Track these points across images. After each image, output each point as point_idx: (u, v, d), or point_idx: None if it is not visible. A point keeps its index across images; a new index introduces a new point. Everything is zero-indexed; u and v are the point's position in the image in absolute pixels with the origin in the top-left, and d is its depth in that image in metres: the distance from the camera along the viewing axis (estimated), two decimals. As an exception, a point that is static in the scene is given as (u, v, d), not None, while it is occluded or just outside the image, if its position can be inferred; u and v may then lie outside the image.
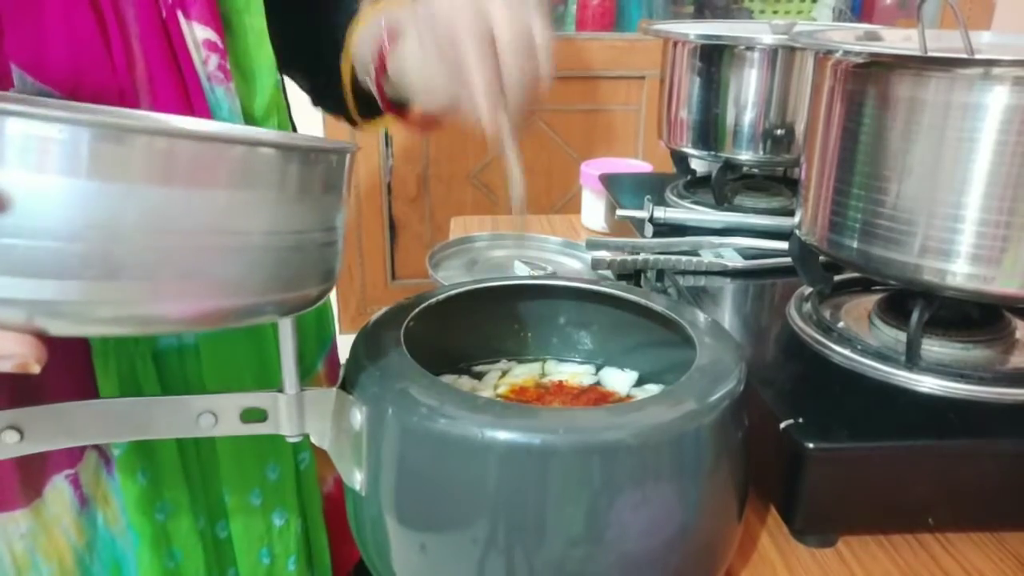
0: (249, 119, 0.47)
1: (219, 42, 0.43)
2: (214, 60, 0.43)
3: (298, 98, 0.59)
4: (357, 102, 0.53)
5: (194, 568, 0.49)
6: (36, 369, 0.26)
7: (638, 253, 0.68)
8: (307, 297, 0.32)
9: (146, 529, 0.46)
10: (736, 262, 0.65)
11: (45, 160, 0.24)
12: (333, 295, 1.94)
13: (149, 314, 0.27)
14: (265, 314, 0.30)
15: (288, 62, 0.52)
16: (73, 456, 0.45)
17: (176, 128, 0.26)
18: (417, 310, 0.43)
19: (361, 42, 0.48)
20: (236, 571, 0.53)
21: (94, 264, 0.25)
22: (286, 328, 0.34)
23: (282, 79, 0.54)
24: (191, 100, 0.43)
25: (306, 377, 0.58)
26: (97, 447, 0.46)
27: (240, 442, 0.49)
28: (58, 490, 0.45)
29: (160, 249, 0.26)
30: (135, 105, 0.41)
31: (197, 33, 0.42)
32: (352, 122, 0.56)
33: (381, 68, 0.46)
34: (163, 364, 0.47)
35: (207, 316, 0.28)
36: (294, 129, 0.56)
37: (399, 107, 0.48)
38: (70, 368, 0.44)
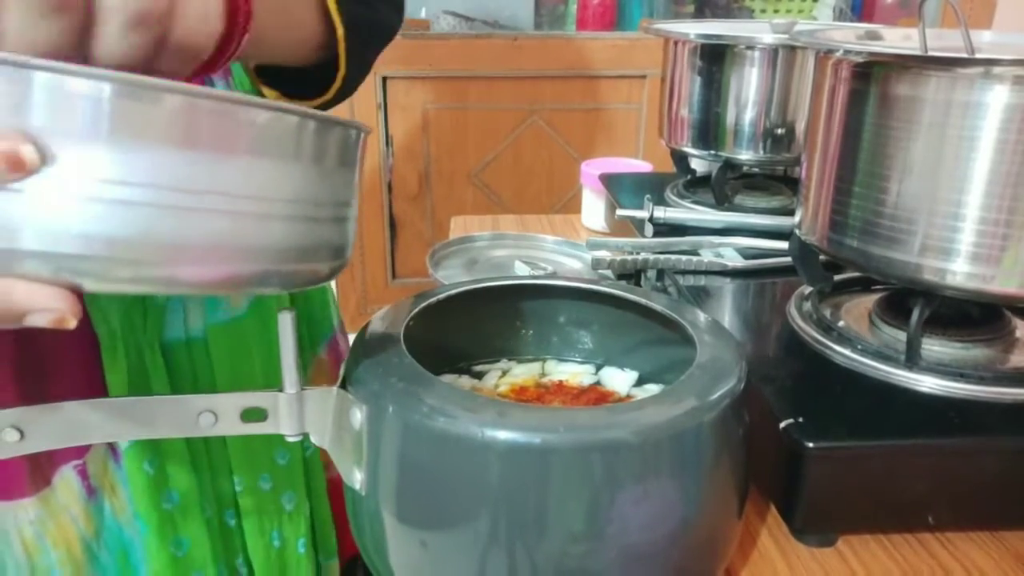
0: None
1: None
2: None
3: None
4: None
5: (201, 556, 0.49)
6: (72, 323, 0.26)
7: (638, 253, 0.68)
8: (318, 272, 0.32)
9: (153, 518, 0.47)
10: (736, 262, 0.65)
11: (78, 117, 0.25)
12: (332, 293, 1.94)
13: (170, 274, 0.27)
14: (275, 284, 0.31)
15: None
16: (81, 447, 0.45)
17: (202, 90, 0.27)
18: (417, 310, 0.43)
19: None
20: (244, 559, 0.53)
21: (120, 221, 0.26)
22: (286, 327, 0.34)
23: None
24: None
25: (308, 364, 0.59)
26: None
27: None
28: (66, 480, 0.45)
29: (184, 210, 0.27)
30: None
31: None
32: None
33: None
34: (171, 357, 0.47)
35: (223, 279, 0.29)
36: None
37: None
38: (79, 362, 0.44)
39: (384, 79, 1.78)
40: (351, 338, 0.41)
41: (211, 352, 0.48)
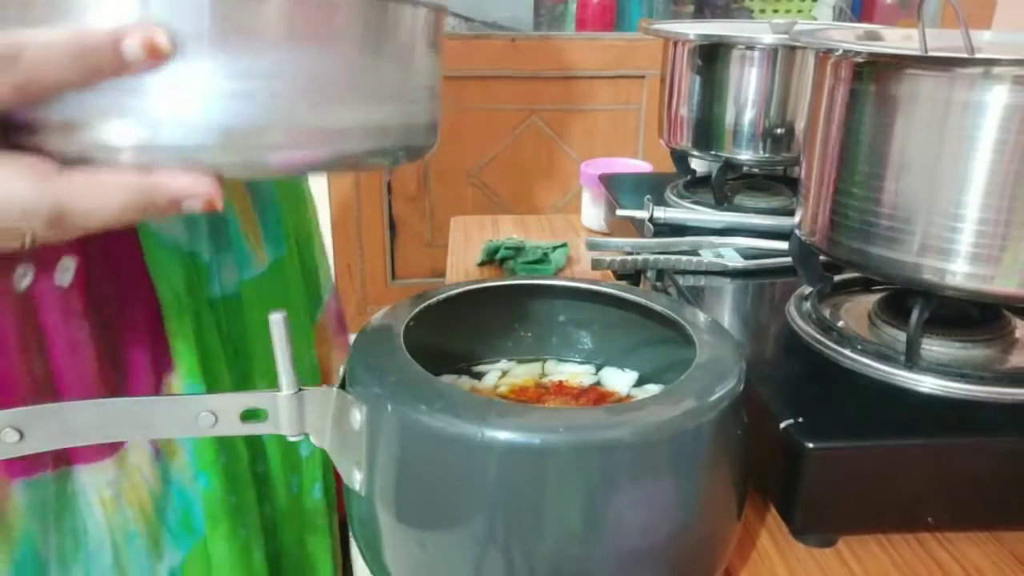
0: None
1: None
2: None
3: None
4: None
5: (248, 503, 0.51)
6: (220, 206, 0.29)
7: (638, 253, 0.68)
8: (421, 147, 0.36)
9: (216, 469, 0.48)
10: (736, 262, 0.65)
11: (197, 13, 0.27)
12: (333, 294, 1.94)
13: (289, 157, 0.30)
14: (381, 159, 0.34)
15: None
16: None
17: None
18: (417, 310, 0.43)
19: None
20: (269, 507, 0.55)
21: (243, 111, 0.28)
22: (278, 327, 0.34)
23: None
24: None
25: (312, 330, 0.60)
26: None
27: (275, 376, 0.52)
28: (136, 443, 0.47)
29: (301, 98, 0.29)
30: None
31: None
32: None
33: None
34: (216, 314, 0.49)
35: (331, 159, 0.31)
36: None
37: None
38: (147, 328, 0.45)
39: (384, 79, 1.78)
40: (351, 339, 0.41)
41: (244, 307, 0.50)
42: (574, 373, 0.50)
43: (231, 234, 0.50)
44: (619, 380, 0.49)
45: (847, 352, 0.50)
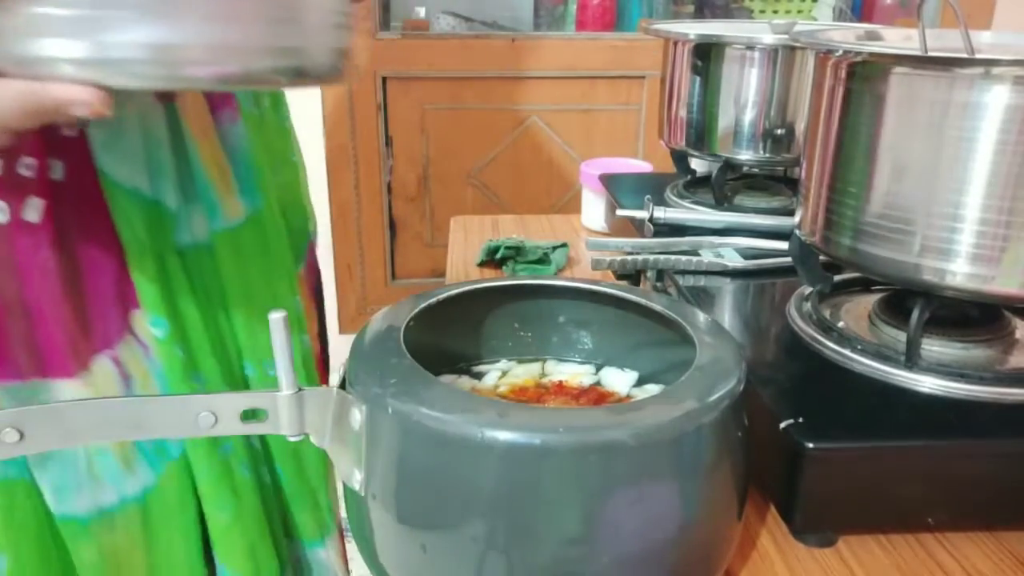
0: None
1: None
2: None
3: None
4: None
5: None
6: (108, 112, 0.32)
7: (638, 253, 0.68)
8: (328, 72, 0.38)
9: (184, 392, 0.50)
10: (736, 262, 0.65)
11: None
12: (332, 293, 1.94)
13: (180, 72, 0.33)
14: (291, 75, 0.36)
15: None
16: (109, 338, 0.49)
17: None
18: (417, 310, 0.43)
19: None
20: (260, 439, 0.57)
21: (172, 29, 0.32)
22: (278, 328, 0.34)
23: None
24: None
25: (294, 280, 0.61)
26: (133, 332, 0.50)
27: (254, 323, 0.55)
28: (102, 366, 0.49)
29: (220, 19, 0.32)
30: None
31: None
32: None
33: None
34: (185, 262, 0.51)
35: (238, 74, 0.34)
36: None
37: None
38: (111, 272, 0.48)
39: (384, 79, 1.78)
40: (351, 339, 0.41)
41: (217, 256, 0.52)
42: (574, 373, 0.50)
43: (198, 184, 0.51)
44: (619, 380, 0.49)
45: (847, 352, 0.50)
